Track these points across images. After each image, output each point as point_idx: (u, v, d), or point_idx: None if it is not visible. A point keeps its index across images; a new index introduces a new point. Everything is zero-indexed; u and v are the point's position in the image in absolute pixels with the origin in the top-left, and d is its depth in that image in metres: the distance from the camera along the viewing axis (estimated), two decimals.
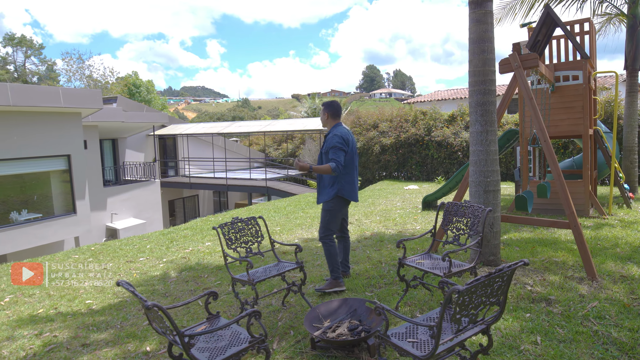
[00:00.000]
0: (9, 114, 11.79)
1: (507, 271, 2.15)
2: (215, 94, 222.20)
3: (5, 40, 49.12)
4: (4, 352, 3.93)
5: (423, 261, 3.77)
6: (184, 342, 2.25)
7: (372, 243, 6.26)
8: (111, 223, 17.40)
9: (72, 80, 47.64)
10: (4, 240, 11.99)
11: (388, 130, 17.54)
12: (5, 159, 11.94)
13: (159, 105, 48.63)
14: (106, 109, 17.09)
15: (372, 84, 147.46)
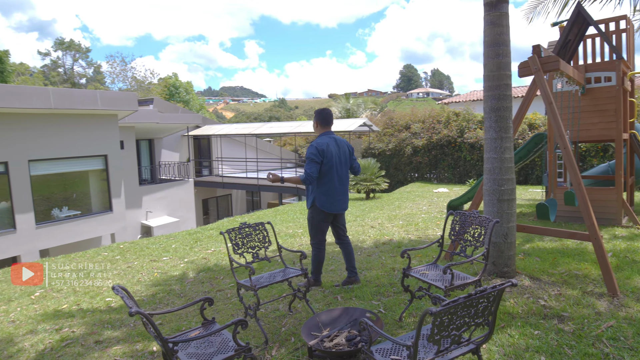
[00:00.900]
0: (51, 117, 12.39)
1: (492, 292, 2.05)
2: (253, 93, 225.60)
3: (56, 44, 51.78)
4: (25, 345, 4.12)
5: (428, 272, 3.68)
6: (167, 348, 2.28)
7: (389, 249, 6.17)
8: (146, 221, 17.98)
9: (116, 81, 49.67)
10: (46, 236, 12.62)
11: (420, 131, 17.26)
12: (48, 159, 12.55)
13: (197, 106, 49.86)
14: (142, 110, 17.68)
15: (409, 84, 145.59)
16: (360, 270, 5.24)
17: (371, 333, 2.33)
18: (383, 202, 11.55)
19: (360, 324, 2.39)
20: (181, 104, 44.17)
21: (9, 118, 11.53)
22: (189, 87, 48.93)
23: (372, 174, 12.36)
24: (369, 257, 5.82)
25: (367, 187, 12.32)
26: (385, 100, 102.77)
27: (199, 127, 22.92)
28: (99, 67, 55.95)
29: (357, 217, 9.44)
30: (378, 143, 18.65)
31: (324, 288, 4.70)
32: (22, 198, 11.93)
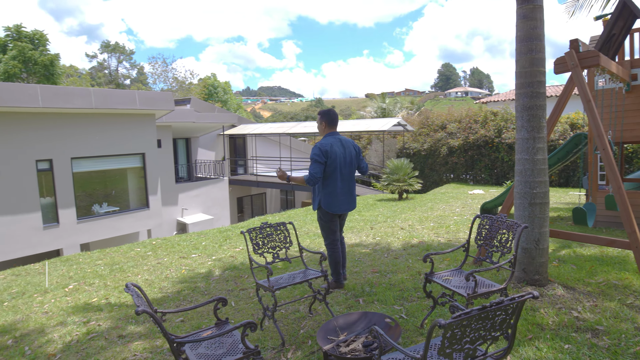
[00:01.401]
0: (92, 116, 12.87)
1: (510, 304, 1.91)
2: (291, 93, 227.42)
3: (102, 47, 53.98)
4: (54, 336, 4.26)
5: (451, 278, 3.52)
6: (173, 348, 2.26)
7: (418, 252, 6.00)
8: (181, 218, 18.40)
9: (157, 82, 51.23)
10: (87, 230, 13.13)
11: (456, 131, 16.83)
12: (89, 157, 13.05)
13: (234, 105, 50.69)
14: (179, 110, 18.10)
15: (447, 83, 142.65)
16: (385, 273, 5.12)
17: (381, 341, 2.23)
18: (415, 203, 11.31)
19: (371, 332, 2.29)
20: (219, 103, 45.02)
21: (54, 117, 12.05)
22: (227, 87, 49.83)
23: (405, 174, 12.12)
24: (396, 259, 5.68)
25: (400, 187, 12.10)
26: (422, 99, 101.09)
27: (235, 127, 23.25)
28: (141, 68, 57.96)
29: (387, 218, 9.28)
30: (413, 143, 18.32)
31: (346, 290, 4.61)
32: (65, 194, 12.45)
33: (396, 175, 12.17)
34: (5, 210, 11.25)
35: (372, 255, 6.06)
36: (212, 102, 43.63)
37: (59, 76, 33.91)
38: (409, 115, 24.28)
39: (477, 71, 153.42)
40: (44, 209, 12.11)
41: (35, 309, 5.20)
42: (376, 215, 9.83)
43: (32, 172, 11.76)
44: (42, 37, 32.54)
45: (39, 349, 3.95)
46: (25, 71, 31.43)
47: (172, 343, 2.25)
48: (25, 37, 31.67)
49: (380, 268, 5.32)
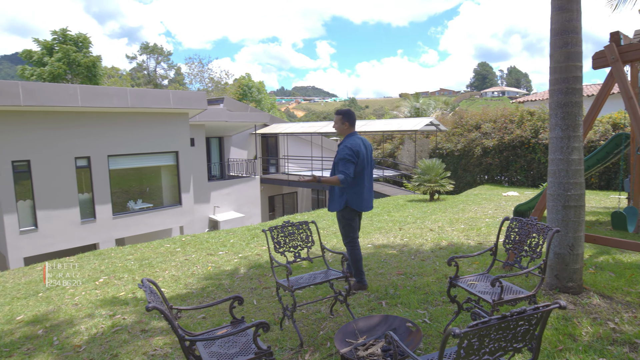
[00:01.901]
0: (128, 115, 13.23)
1: (533, 314, 1.78)
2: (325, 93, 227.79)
3: (141, 49, 55.58)
4: (81, 328, 4.36)
5: (477, 282, 3.37)
6: (182, 346, 2.24)
7: (446, 254, 5.82)
8: (213, 215, 18.69)
9: (194, 82, 52.35)
10: (122, 226, 13.52)
11: (491, 131, 16.33)
12: (124, 154, 13.42)
13: (268, 105, 51.20)
14: (212, 109, 18.38)
15: (483, 82, 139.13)
16: (410, 275, 4.99)
17: (396, 348, 2.13)
18: (447, 204, 11.03)
19: (385, 337, 2.20)
20: (253, 103, 45.58)
21: (92, 116, 12.46)
22: (261, 86, 50.39)
23: (437, 174, 11.85)
24: (423, 262, 5.52)
25: (431, 188, 11.84)
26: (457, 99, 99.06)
27: (267, 126, 23.43)
28: (179, 69, 59.35)
29: (417, 219, 9.08)
30: (446, 143, 17.92)
31: (369, 292, 4.51)
32: (101, 190, 12.85)
33: (427, 175, 11.91)
34: (46, 205, 11.72)
35: (398, 256, 5.92)
36: (246, 102, 44.22)
37: (100, 77, 35.17)
38: (444, 116, 23.77)
39: (514, 70, 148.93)
40: (82, 204, 12.54)
41: (67, 301, 5.35)
42: (406, 216, 9.65)
43: (72, 169, 12.19)
44: (86, 39, 33.83)
45: (66, 340, 4.05)
46: (69, 72, 32.75)
47: (183, 341, 2.23)
48: (70, 40, 33.02)
49: (405, 270, 5.19)
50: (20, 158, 11.32)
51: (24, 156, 11.35)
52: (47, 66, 31.45)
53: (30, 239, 11.58)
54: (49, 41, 32.97)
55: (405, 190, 16.48)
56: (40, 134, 11.55)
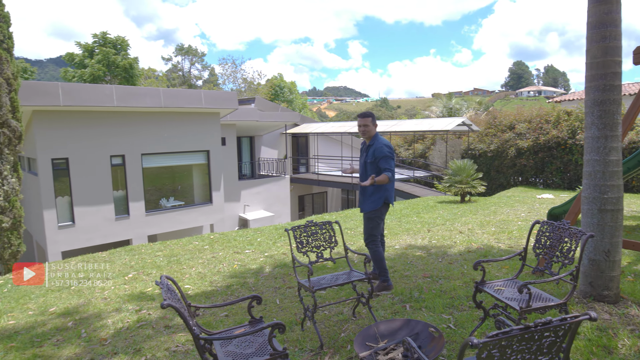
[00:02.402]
0: (161, 114, 13.53)
1: (560, 326, 1.67)
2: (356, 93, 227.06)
3: (176, 50, 56.91)
4: (108, 322, 4.46)
5: (504, 288, 3.23)
6: (197, 344, 2.23)
7: (474, 257, 5.64)
8: (243, 214, 18.90)
9: (227, 83, 53.18)
10: (154, 222, 13.84)
11: (525, 131, 15.82)
12: (157, 153, 13.74)
13: (299, 105, 51.42)
14: (243, 109, 18.59)
15: (519, 82, 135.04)
16: (436, 278, 4.86)
17: (413, 354, 2.06)
18: (478, 206, 10.74)
19: (403, 343, 2.12)
20: (285, 103, 45.87)
21: (126, 115, 12.81)
22: (292, 87, 50.65)
23: (468, 175, 11.55)
24: (450, 265, 5.37)
25: (462, 189, 11.56)
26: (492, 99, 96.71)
27: (297, 125, 23.51)
28: (213, 69, 60.41)
29: (446, 220, 8.88)
30: (479, 144, 17.48)
31: (392, 295, 4.42)
32: (135, 188, 13.19)
33: (459, 176, 11.64)
34: (83, 202, 12.13)
35: (425, 259, 5.79)
36: (278, 102, 44.55)
37: (137, 78, 36.22)
38: (477, 116, 23.20)
39: (551, 69, 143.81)
40: (116, 201, 12.91)
41: (97, 295, 5.50)
42: (435, 217, 9.45)
43: (107, 167, 12.57)
44: (124, 42, 34.93)
45: (93, 333, 4.14)
46: (108, 74, 33.88)
47: (197, 339, 2.22)
48: (109, 42, 34.17)
49: (432, 273, 5.06)
50: (59, 156, 11.76)
51: (63, 154, 11.78)
52: (88, 68, 32.63)
53: (68, 233, 12.01)
54: (90, 44, 34.23)
55: (436, 191, 16.18)
56: (78, 132, 11.96)
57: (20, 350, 3.89)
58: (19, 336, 4.26)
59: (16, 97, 9.55)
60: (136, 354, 3.57)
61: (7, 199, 9.35)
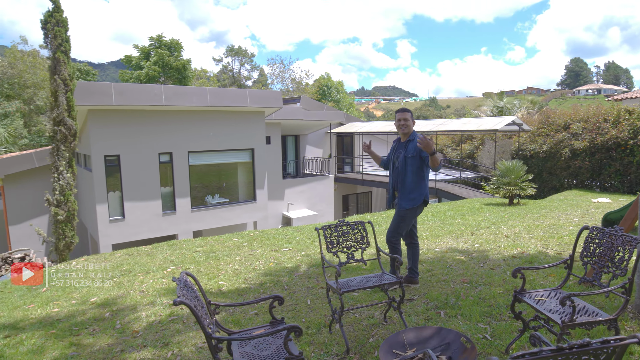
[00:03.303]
0: (207, 113, 13.84)
1: (601, 349, 1.46)
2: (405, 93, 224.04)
3: (227, 51, 58.35)
4: (142, 314, 4.55)
5: (546, 299, 2.97)
6: (210, 344, 2.18)
7: (518, 263, 5.32)
8: (287, 212, 19.01)
9: (275, 83, 53.93)
10: (200, 219, 14.19)
11: (581, 131, 14.87)
12: (203, 151, 14.07)
13: (346, 104, 51.29)
14: (288, 107, 18.69)
15: (576, 80, 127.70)
16: (476, 284, 4.60)
17: None
18: (527, 209, 10.19)
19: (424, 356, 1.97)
20: (332, 103, 45.92)
21: (174, 115, 13.21)
22: (339, 86, 50.63)
23: (517, 177, 10.99)
24: (492, 270, 5.08)
25: (510, 191, 11.01)
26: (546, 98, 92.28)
27: (343, 125, 23.39)
28: (262, 70, 61.46)
29: (492, 223, 8.48)
30: (530, 144, 16.64)
31: (427, 300, 4.22)
32: (181, 184, 13.58)
33: (507, 178, 11.10)
34: (133, 197, 12.62)
35: (465, 263, 5.52)
36: (325, 101, 44.66)
37: (190, 78, 37.46)
38: (529, 115, 22.14)
39: (612, 66, 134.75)
40: (163, 197, 13.34)
41: (135, 287, 5.65)
42: (480, 220, 9.06)
43: (155, 164, 13.01)
44: (177, 44, 36.21)
45: (126, 325, 4.24)
46: (162, 74, 35.26)
47: (210, 339, 2.16)
48: (164, 45, 35.53)
49: (471, 278, 4.80)
50: (111, 153, 12.28)
51: (115, 151, 12.30)
52: (144, 69, 34.07)
53: (118, 227, 12.53)
54: (146, 47, 35.75)
55: (484, 193, 15.57)
56: (129, 130, 12.45)
57: (59, 338, 4.03)
58: (60, 324, 4.43)
59: (72, 97, 10.05)
60: (164, 348, 3.61)
61: (62, 193, 9.86)
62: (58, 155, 9.88)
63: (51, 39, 9.85)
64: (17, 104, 30.20)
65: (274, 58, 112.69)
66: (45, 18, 9.98)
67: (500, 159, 16.13)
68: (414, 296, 4.38)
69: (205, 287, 5.37)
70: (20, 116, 31.06)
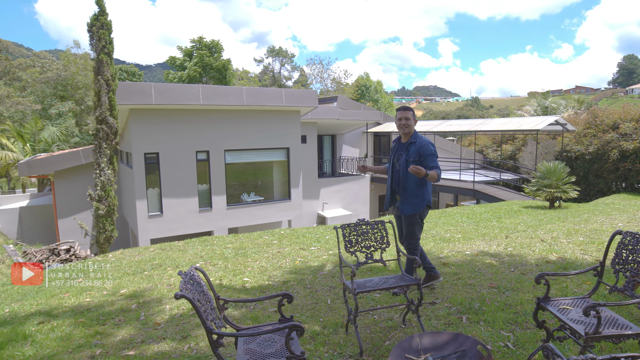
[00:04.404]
0: (243, 112, 14.05)
1: None
2: (447, 93, 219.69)
3: (267, 52, 59.16)
4: (166, 307, 4.66)
5: (571, 308, 2.80)
6: (211, 340, 2.19)
7: (553, 269, 5.06)
8: (322, 211, 19.03)
9: (314, 82, 54.19)
10: (235, 216, 14.43)
11: (632, 132, 14.01)
12: (239, 149, 14.30)
13: (385, 104, 50.84)
14: (323, 107, 18.69)
15: (630, 78, 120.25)
16: (503, 290, 4.41)
17: None
18: (568, 213, 9.71)
19: None
20: (370, 102, 45.62)
21: (211, 114, 13.48)
22: (378, 86, 50.25)
23: (559, 179, 10.48)
24: (523, 275, 4.86)
25: (551, 194, 10.52)
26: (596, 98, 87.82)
27: (380, 124, 23.17)
28: (302, 70, 61.94)
29: (529, 227, 8.13)
30: (576, 145, 15.85)
31: (450, 304, 4.09)
32: (218, 182, 13.85)
33: (547, 180, 10.62)
34: (170, 194, 13.00)
35: (496, 267, 5.31)
36: (363, 101, 44.44)
37: (230, 78, 38.25)
38: (577, 116, 21.13)
39: None
40: (200, 194, 13.66)
41: (164, 281, 5.79)
42: (517, 223, 8.71)
43: (193, 162, 13.33)
44: (217, 45, 37.07)
45: (150, 317, 4.35)
46: (204, 75, 36.19)
47: (210, 334, 2.17)
48: (204, 46, 36.47)
49: (500, 283, 4.61)
50: (151, 151, 12.69)
51: (154, 149, 12.69)
52: (186, 70, 35.09)
53: (156, 223, 12.93)
54: (188, 48, 36.81)
55: (524, 195, 14.99)
56: (168, 129, 12.82)
57: (86, 326, 4.19)
58: (89, 313, 4.61)
59: (114, 96, 10.46)
60: (182, 341, 3.67)
61: (103, 188, 10.28)
62: (100, 152, 10.31)
63: (96, 41, 10.30)
64: (69, 105, 31.89)
65: (312, 58, 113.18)
66: (91, 21, 10.45)
67: (543, 161, 15.49)
68: (436, 299, 4.25)
69: (230, 283, 5.43)
70: (72, 116, 32.77)
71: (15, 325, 4.41)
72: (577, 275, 4.71)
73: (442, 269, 5.35)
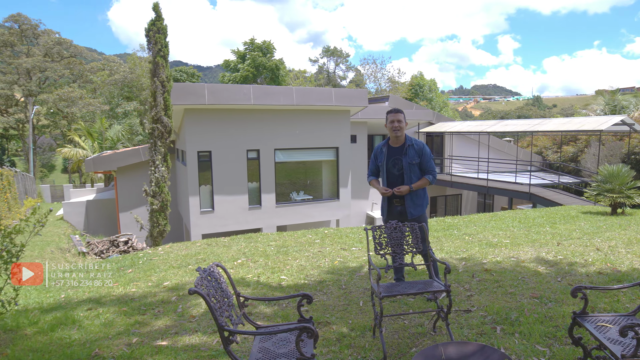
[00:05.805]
0: (293, 112, 14.25)
1: None
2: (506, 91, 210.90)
3: (323, 52, 59.54)
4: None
5: (611, 326, 2.60)
6: (223, 337, 2.24)
7: (604, 281, 4.72)
8: (371, 211, 18.90)
9: (368, 82, 53.90)
10: (284, 214, 14.68)
11: None
12: (289, 148, 14.51)
13: (440, 103, 49.62)
14: (374, 107, 18.54)
15: None
16: (546, 301, 4.18)
17: None
18: (632, 220, 9.00)
19: None
20: (424, 102, 44.70)
21: (262, 113, 13.78)
22: (432, 85, 49.13)
23: (622, 183, 9.74)
24: (569, 286, 4.57)
25: (613, 199, 9.80)
26: None
27: (432, 124, 22.65)
28: (357, 70, 61.83)
29: (585, 234, 7.64)
30: None
31: (485, 312, 3.92)
32: (267, 181, 14.14)
33: (609, 184, 9.90)
34: (222, 191, 13.43)
35: (541, 276, 5.03)
36: (417, 100, 43.62)
37: (283, 78, 38.88)
38: None
39: None
40: (250, 192, 14.01)
41: None
42: (572, 229, 8.21)
43: (243, 160, 13.70)
44: (269, 45, 37.78)
45: (187, 309, 4.51)
46: (257, 75, 37.04)
47: (222, 330, 2.22)
48: (257, 47, 37.31)
49: (542, 294, 4.36)
50: (204, 149, 13.17)
51: (207, 147, 13.17)
52: (240, 71, 36.08)
53: (208, 219, 13.41)
54: (241, 51, 37.82)
55: (585, 200, 14.09)
56: (220, 128, 13.25)
57: (128, 315, 4.42)
58: (133, 303, 4.86)
59: (168, 97, 10.95)
60: (212, 335, 3.78)
61: (158, 184, 10.79)
62: (155, 150, 10.82)
63: (152, 45, 10.82)
64: (134, 105, 33.80)
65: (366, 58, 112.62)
66: (149, 26, 10.98)
67: (608, 163, 14.47)
68: (472, 307, 4.10)
69: (267, 281, 5.52)
70: (136, 115, 34.72)
71: (67, 310, 4.73)
72: (633, 290, 4.37)
73: (483, 275, 5.15)
